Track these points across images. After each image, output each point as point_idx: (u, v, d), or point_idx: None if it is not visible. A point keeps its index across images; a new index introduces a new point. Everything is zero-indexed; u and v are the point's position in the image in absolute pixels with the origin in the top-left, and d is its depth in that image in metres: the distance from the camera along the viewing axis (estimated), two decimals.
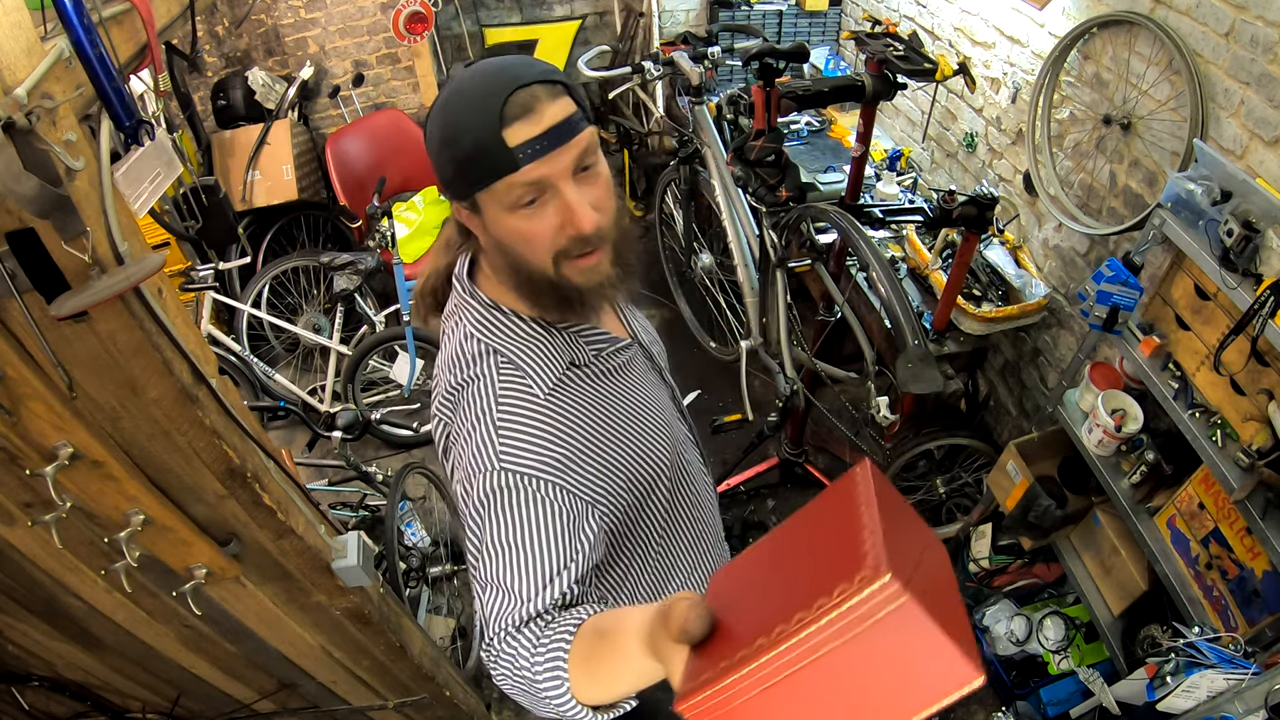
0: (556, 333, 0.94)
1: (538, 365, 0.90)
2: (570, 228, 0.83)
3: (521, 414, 0.87)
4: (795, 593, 0.42)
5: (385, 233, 2.79)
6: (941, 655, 0.39)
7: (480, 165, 0.80)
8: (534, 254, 0.85)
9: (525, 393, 0.88)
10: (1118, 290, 1.71)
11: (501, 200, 0.82)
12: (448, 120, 0.81)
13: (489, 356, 0.90)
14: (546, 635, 0.76)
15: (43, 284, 0.69)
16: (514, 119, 0.77)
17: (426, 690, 1.66)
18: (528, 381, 0.89)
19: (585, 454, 0.90)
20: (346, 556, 1.22)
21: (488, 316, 0.93)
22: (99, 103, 0.77)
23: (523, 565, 0.81)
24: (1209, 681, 1.38)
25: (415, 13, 3.23)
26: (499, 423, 0.85)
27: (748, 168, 2.19)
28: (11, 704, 1.33)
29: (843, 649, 0.39)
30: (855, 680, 0.41)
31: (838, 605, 0.39)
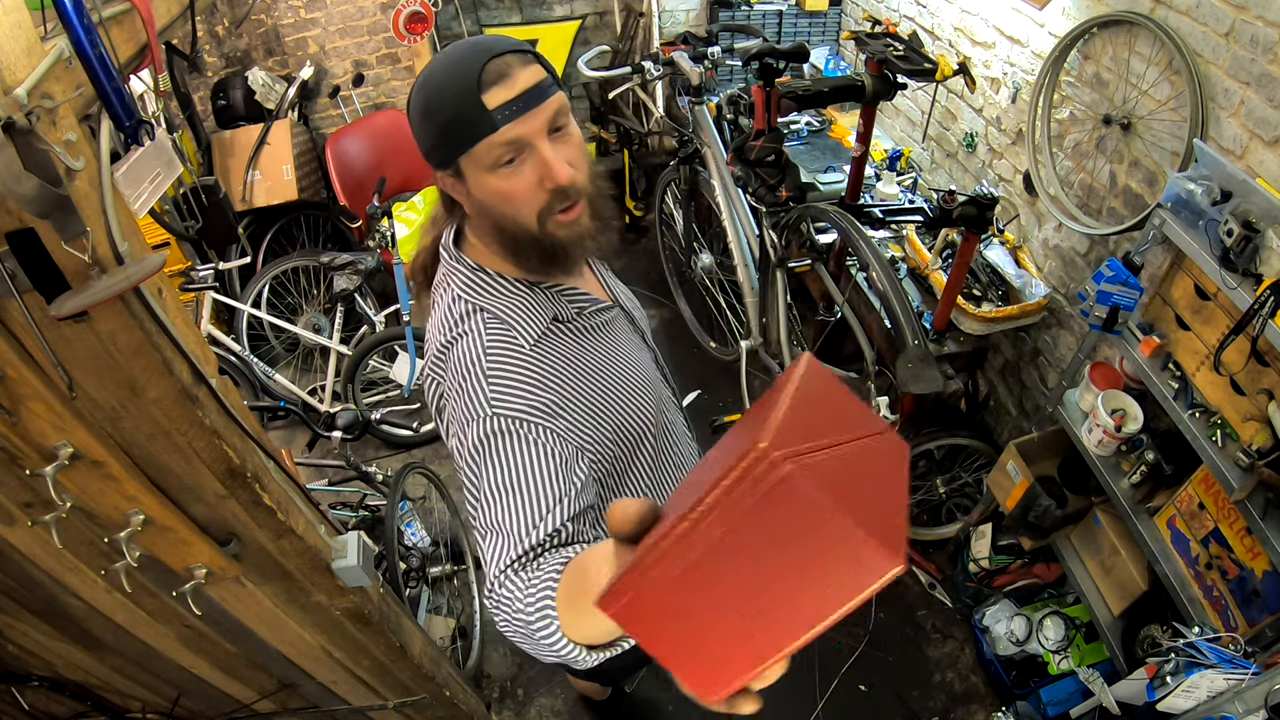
0: (539, 291, 1.00)
1: (523, 319, 0.96)
2: (549, 181, 0.89)
3: (509, 363, 0.92)
4: (707, 480, 0.40)
5: (385, 233, 2.79)
6: (847, 539, 0.38)
7: (461, 129, 0.86)
8: (517, 211, 0.91)
9: (511, 343, 0.93)
10: (1118, 290, 1.71)
11: (483, 162, 0.88)
12: (429, 92, 0.88)
13: (476, 314, 0.95)
14: (536, 575, 0.76)
15: (43, 284, 0.69)
16: (490, 84, 0.84)
17: (426, 690, 1.66)
18: (513, 333, 0.94)
19: (572, 402, 0.95)
20: (346, 556, 1.22)
21: (473, 279, 0.98)
22: (99, 103, 0.77)
23: (515, 505, 0.83)
24: (1209, 681, 1.38)
25: (415, 13, 3.23)
26: (489, 372, 0.90)
27: (748, 168, 2.19)
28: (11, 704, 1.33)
29: (740, 527, 0.38)
30: (762, 565, 0.40)
31: (729, 480, 0.38)
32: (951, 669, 2.40)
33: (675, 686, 0.55)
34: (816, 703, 2.32)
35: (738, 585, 0.41)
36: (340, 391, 3.02)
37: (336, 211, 3.47)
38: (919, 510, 2.73)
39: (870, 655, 2.43)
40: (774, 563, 0.40)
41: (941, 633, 2.49)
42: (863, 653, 2.43)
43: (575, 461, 0.90)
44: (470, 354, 0.92)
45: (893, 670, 2.40)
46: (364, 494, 2.57)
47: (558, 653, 0.72)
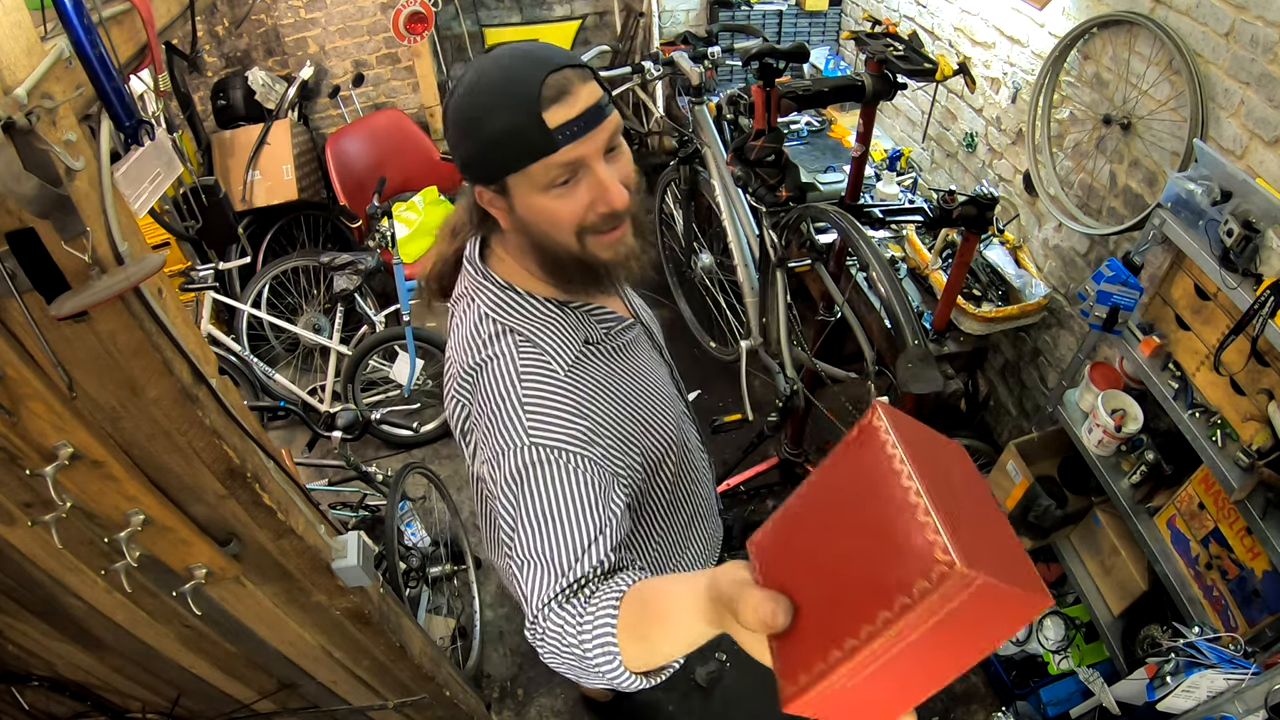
0: (570, 312, 0.98)
1: (556, 343, 0.94)
2: (602, 204, 0.87)
3: (545, 390, 0.89)
4: (867, 582, 0.43)
5: (385, 233, 2.78)
6: (1016, 602, 0.42)
7: (516, 147, 0.82)
8: (559, 232, 0.88)
9: (545, 368, 0.91)
10: (1118, 290, 1.71)
11: (536, 181, 0.84)
12: (477, 103, 0.82)
13: (507, 335, 0.93)
14: (591, 608, 0.76)
15: (43, 284, 0.69)
16: (551, 101, 0.80)
17: (426, 690, 1.66)
18: (546, 358, 0.92)
19: (605, 428, 0.94)
20: (346, 556, 1.22)
21: (503, 297, 0.95)
22: (99, 103, 0.77)
23: (558, 536, 0.82)
24: (1209, 681, 1.38)
25: (415, 13, 3.23)
26: (524, 399, 0.88)
27: (748, 168, 2.19)
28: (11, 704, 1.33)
29: (930, 632, 0.41)
30: (943, 647, 0.43)
31: (920, 601, 0.40)
32: None
33: (675, 687, 0.58)
34: None
35: (919, 667, 0.45)
36: (340, 391, 3.02)
37: (336, 211, 3.47)
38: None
39: None
40: (952, 640, 0.43)
41: None
42: None
43: (612, 489, 0.88)
44: (504, 380, 0.89)
45: None
46: (364, 494, 2.57)
47: (612, 681, 0.75)
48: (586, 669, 0.75)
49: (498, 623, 2.58)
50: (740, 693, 2.37)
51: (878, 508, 0.44)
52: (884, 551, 0.42)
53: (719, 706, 2.34)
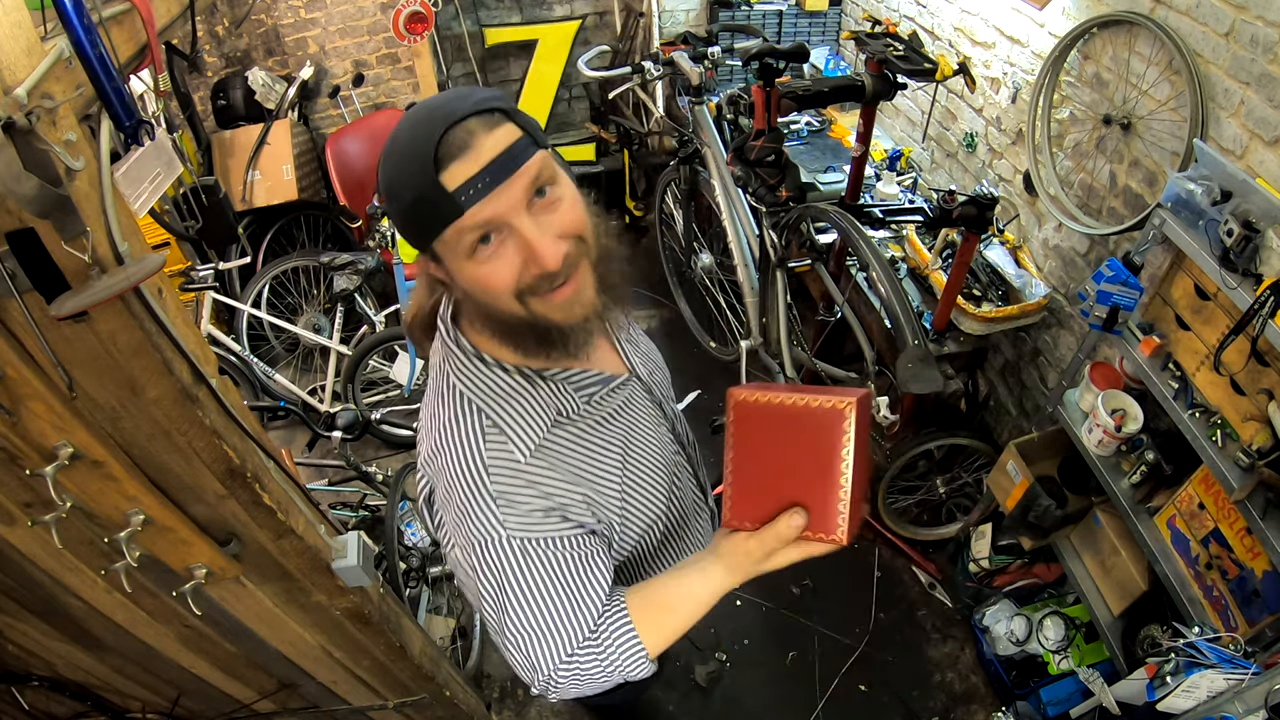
0: (543, 384, 0.89)
1: (520, 427, 0.87)
2: (534, 265, 0.77)
3: (513, 480, 0.85)
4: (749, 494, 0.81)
5: (385, 233, 2.78)
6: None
7: (425, 215, 0.75)
8: (498, 299, 0.80)
9: (509, 458, 0.86)
10: (1118, 290, 1.71)
11: (455, 248, 0.77)
12: (389, 173, 0.77)
13: (473, 417, 0.86)
14: (604, 638, 0.87)
15: (43, 284, 0.69)
16: (449, 159, 0.72)
17: (426, 690, 1.66)
18: (509, 448, 0.86)
19: (584, 499, 0.91)
20: (346, 556, 1.22)
21: (471, 367, 0.89)
22: (99, 103, 0.77)
23: (555, 613, 0.85)
24: (1209, 681, 1.38)
25: (415, 13, 3.23)
26: (494, 491, 0.84)
27: (748, 168, 2.19)
28: (11, 704, 1.33)
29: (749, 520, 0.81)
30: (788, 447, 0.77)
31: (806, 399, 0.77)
32: (951, 669, 2.40)
33: (675, 687, 0.61)
34: (816, 703, 2.32)
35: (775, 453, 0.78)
36: (340, 391, 3.02)
37: (336, 211, 3.47)
38: (919, 510, 2.73)
39: (870, 655, 2.43)
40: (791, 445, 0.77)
41: (941, 633, 2.49)
42: (863, 653, 2.43)
43: (598, 550, 0.90)
44: (471, 471, 0.85)
45: (893, 670, 2.40)
46: (364, 494, 2.57)
47: (630, 676, 0.88)
48: (611, 678, 0.87)
49: None
50: (740, 693, 2.37)
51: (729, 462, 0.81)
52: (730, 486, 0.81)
53: (719, 706, 2.34)
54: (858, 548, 2.73)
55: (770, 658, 2.44)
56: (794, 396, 0.75)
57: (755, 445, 0.77)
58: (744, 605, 2.58)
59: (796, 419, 0.75)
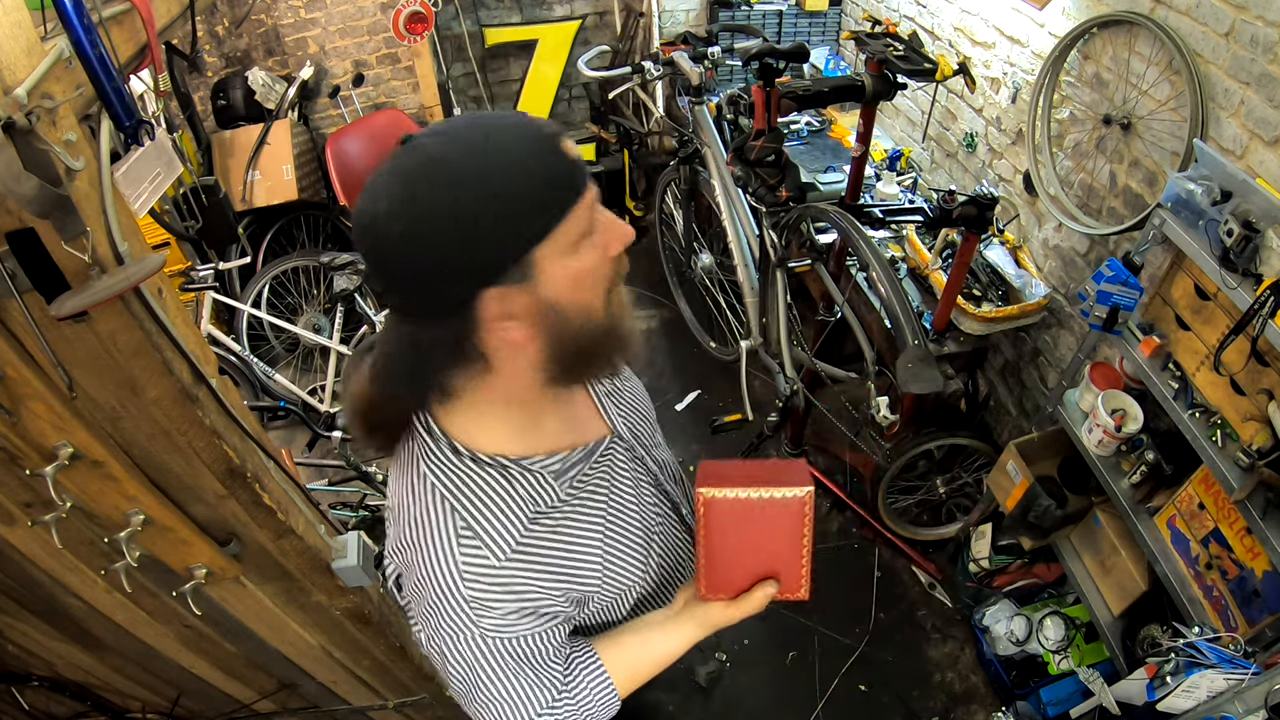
0: (519, 475, 0.84)
1: (495, 529, 0.82)
2: (618, 243, 0.76)
3: (489, 586, 0.81)
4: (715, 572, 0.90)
5: None
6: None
7: (551, 199, 0.69)
8: (596, 297, 0.76)
9: (484, 561, 0.81)
10: (1118, 290, 1.70)
11: (569, 236, 0.71)
12: (485, 171, 0.67)
13: (447, 517, 0.81)
14: (570, 689, 0.90)
15: (43, 284, 0.69)
16: (558, 134, 0.71)
17: (426, 690, 1.66)
18: (484, 552, 0.81)
19: (564, 592, 0.88)
20: (346, 556, 1.22)
21: (442, 458, 0.82)
22: (99, 103, 0.77)
23: (525, 687, 0.86)
24: (1209, 681, 1.38)
25: (415, 13, 3.23)
26: (469, 598, 0.80)
27: (748, 168, 2.19)
28: (11, 704, 1.33)
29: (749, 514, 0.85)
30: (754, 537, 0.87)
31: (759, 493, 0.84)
32: (951, 669, 2.40)
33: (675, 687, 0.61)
34: (816, 703, 2.32)
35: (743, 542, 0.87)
36: (340, 391, 3.02)
37: (336, 211, 3.47)
38: (919, 510, 2.73)
39: (870, 655, 2.43)
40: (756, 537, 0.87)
41: (941, 633, 2.49)
42: (863, 653, 2.43)
43: (564, 625, 0.90)
44: (443, 574, 0.80)
45: (893, 670, 2.40)
46: (364, 494, 2.57)
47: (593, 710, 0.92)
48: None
49: None
50: (740, 693, 2.37)
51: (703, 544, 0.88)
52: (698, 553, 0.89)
53: (719, 706, 2.34)
54: (858, 548, 2.73)
55: (770, 658, 2.44)
56: (758, 491, 0.83)
57: (726, 534, 0.85)
58: None
59: (762, 510, 0.84)
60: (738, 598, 0.90)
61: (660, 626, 0.96)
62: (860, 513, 2.74)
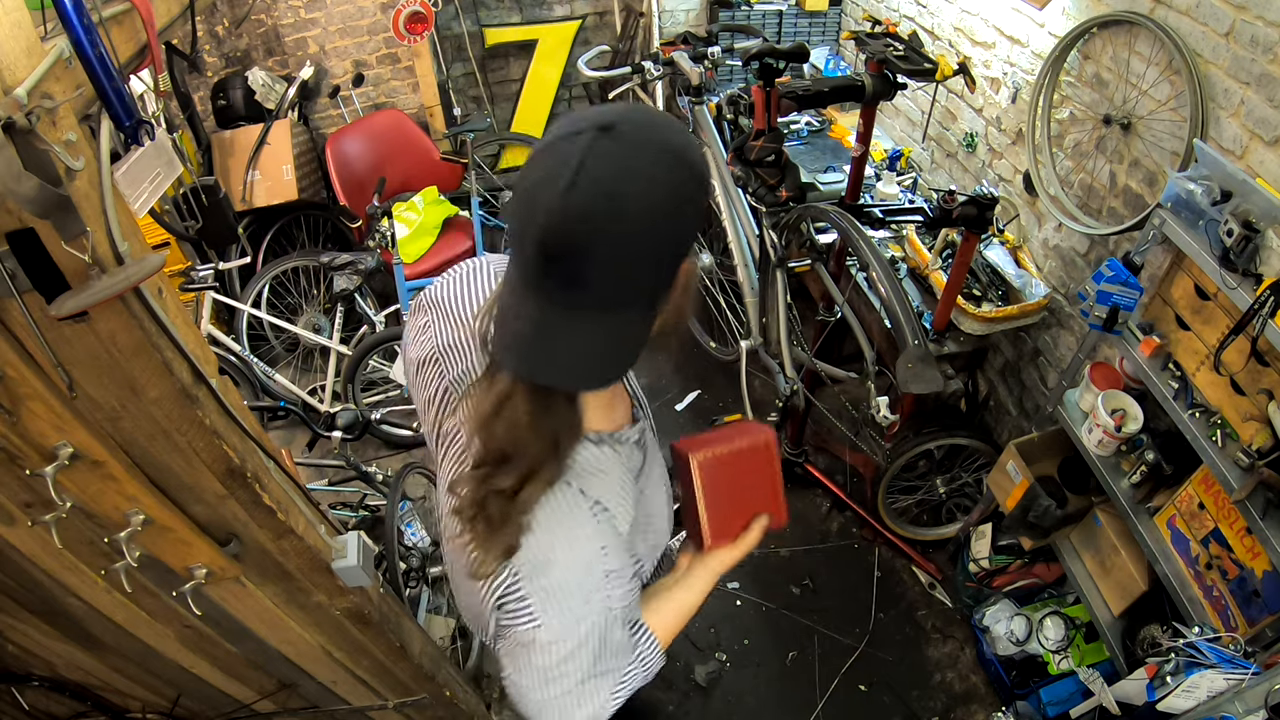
0: (616, 446, 0.89)
1: (619, 499, 0.87)
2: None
3: (620, 555, 0.87)
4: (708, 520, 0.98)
5: (385, 233, 2.79)
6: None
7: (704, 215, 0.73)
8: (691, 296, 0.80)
9: (616, 533, 0.86)
10: (1118, 290, 1.70)
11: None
12: (691, 160, 0.68)
13: (580, 500, 0.83)
14: (638, 655, 0.95)
15: (43, 284, 0.69)
16: None
17: (426, 690, 1.66)
18: (616, 522, 0.86)
19: (648, 547, 0.99)
20: (346, 556, 1.22)
21: (590, 455, 0.85)
22: (99, 103, 0.77)
23: (619, 662, 0.91)
24: (1209, 681, 1.38)
25: (415, 13, 3.23)
26: (608, 570, 0.84)
27: (748, 168, 2.19)
28: (11, 704, 1.33)
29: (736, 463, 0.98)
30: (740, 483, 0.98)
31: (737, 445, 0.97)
32: (951, 669, 2.40)
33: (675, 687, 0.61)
34: (816, 703, 2.32)
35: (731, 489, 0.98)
36: (340, 391, 3.02)
37: (336, 211, 3.47)
38: (919, 510, 2.73)
39: (870, 655, 2.43)
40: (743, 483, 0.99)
41: (941, 633, 2.49)
42: (863, 653, 2.43)
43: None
44: (588, 554, 0.82)
45: (893, 670, 2.40)
46: (364, 494, 2.57)
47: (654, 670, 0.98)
48: (646, 675, 0.97)
49: None
50: (740, 693, 2.37)
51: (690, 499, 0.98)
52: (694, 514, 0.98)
53: (719, 706, 2.34)
54: (858, 548, 2.73)
55: (770, 658, 2.44)
56: (733, 444, 0.97)
57: (719, 487, 0.97)
58: (744, 605, 2.58)
59: (742, 458, 0.97)
60: (737, 539, 1.00)
61: (679, 585, 1.02)
62: (860, 513, 2.74)
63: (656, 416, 3.21)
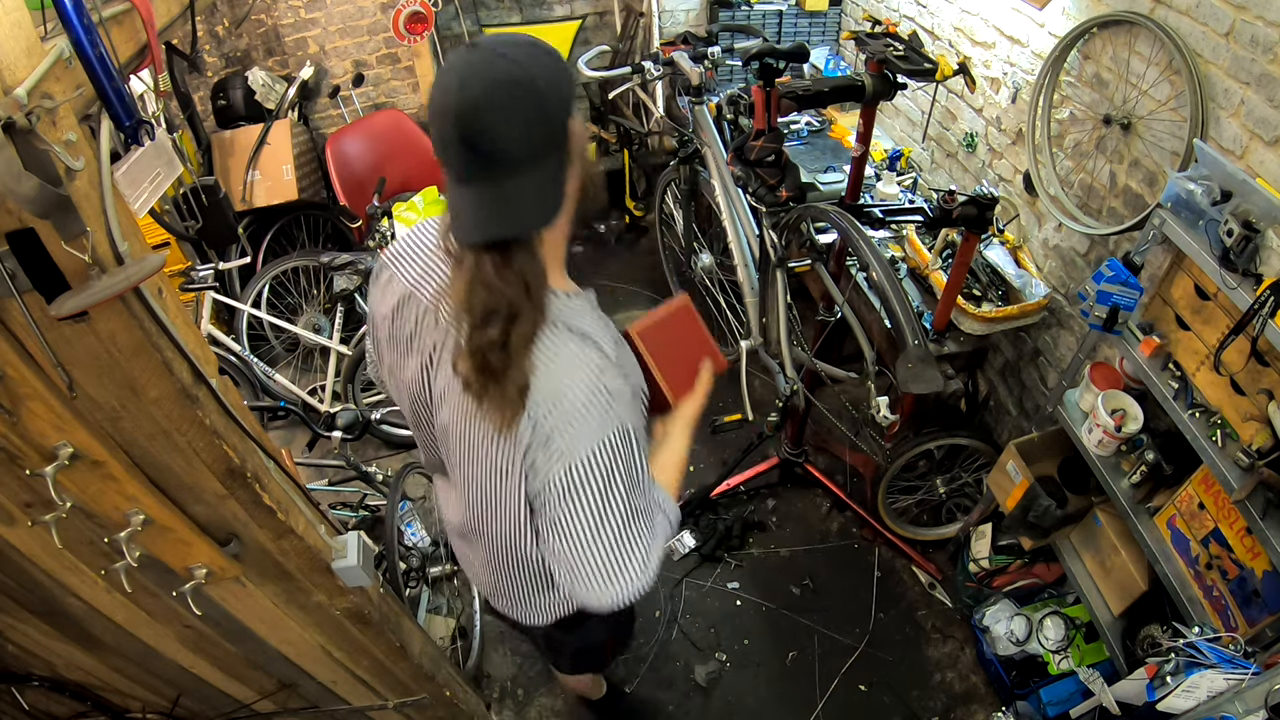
0: (590, 301, 1.07)
1: (601, 335, 1.03)
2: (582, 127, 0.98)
3: (612, 373, 1.00)
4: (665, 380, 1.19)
5: (385, 233, 2.79)
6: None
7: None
8: (589, 160, 0.99)
9: (604, 357, 0.99)
10: (1118, 290, 1.70)
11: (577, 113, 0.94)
12: (543, 48, 0.90)
13: (573, 339, 0.98)
14: (660, 502, 1.15)
15: (43, 284, 0.69)
16: None
17: (426, 690, 1.66)
18: (602, 348, 1.00)
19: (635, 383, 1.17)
20: (346, 556, 1.22)
21: (563, 304, 1.01)
22: (99, 103, 0.77)
23: (649, 499, 1.09)
24: (1209, 681, 1.38)
25: (415, 13, 3.23)
26: (606, 386, 0.97)
27: (748, 168, 2.19)
28: (11, 704, 1.33)
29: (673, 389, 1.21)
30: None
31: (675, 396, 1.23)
32: (951, 669, 2.40)
33: (675, 687, 0.60)
34: (816, 703, 2.32)
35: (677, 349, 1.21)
36: (340, 391, 3.02)
37: (336, 211, 3.47)
38: (919, 510, 2.73)
39: (870, 655, 2.43)
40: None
41: (941, 633, 2.49)
42: (863, 653, 2.43)
43: None
44: (587, 376, 0.96)
45: (893, 670, 2.40)
46: (364, 494, 2.57)
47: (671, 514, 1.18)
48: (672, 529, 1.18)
49: (497, 623, 2.58)
50: (740, 693, 2.37)
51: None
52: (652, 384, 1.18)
53: (719, 706, 2.34)
54: (858, 548, 2.73)
55: (770, 658, 2.44)
56: (659, 314, 1.20)
57: (664, 350, 1.17)
58: (744, 605, 2.58)
59: (672, 320, 1.20)
60: (694, 389, 1.23)
61: (664, 447, 1.23)
62: (860, 513, 2.74)
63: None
